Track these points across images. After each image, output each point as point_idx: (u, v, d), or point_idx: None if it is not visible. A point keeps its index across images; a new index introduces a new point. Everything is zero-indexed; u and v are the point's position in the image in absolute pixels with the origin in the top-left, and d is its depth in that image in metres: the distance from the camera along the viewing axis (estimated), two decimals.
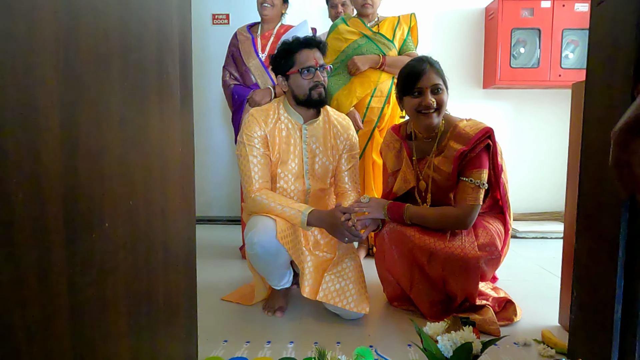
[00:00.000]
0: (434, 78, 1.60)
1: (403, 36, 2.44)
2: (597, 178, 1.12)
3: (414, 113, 1.63)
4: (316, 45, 1.69)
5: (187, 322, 1.12)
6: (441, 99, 1.60)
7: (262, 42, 2.47)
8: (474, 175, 1.58)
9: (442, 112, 1.62)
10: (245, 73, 2.48)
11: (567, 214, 1.60)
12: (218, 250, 2.74)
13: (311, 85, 1.66)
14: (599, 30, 1.12)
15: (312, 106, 1.71)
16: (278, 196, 1.64)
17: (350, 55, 2.39)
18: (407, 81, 1.62)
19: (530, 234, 3.11)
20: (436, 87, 1.60)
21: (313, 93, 1.67)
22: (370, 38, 2.39)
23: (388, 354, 1.41)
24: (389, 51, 2.38)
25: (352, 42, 2.39)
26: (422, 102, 1.60)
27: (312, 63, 1.66)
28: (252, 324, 1.66)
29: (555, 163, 3.54)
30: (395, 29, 2.42)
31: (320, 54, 1.70)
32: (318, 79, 1.66)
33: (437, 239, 1.57)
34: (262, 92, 2.40)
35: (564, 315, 1.61)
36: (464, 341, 1.06)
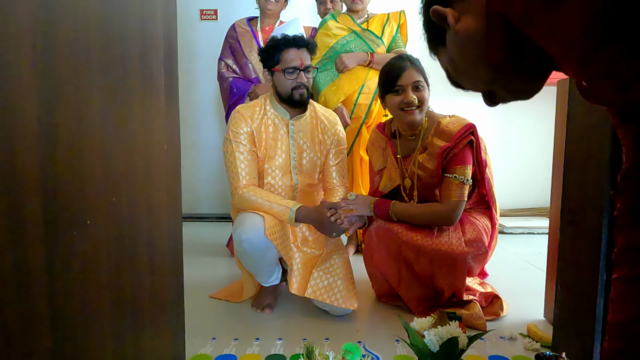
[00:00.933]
0: (414, 75, 1.61)
1: (392, 33, 2.44)
2: (580, 173, 1.13)
3: (397, 111, 1.64)
4: (304, 45, 1.68)
5: (175, 320, 1.12)
6: (422, 95, 1.61)
7: (264, 35, 2.44)
8: (457, 172, 1.59)
9: (424, 108, 1.63)
10: (245, 66, 2.45)
11: (552, 210, 1.63)
12: (207, 247, 2.73)
13: (294, 86, 1.65)
14: None
15: (293, 106, 1.70)
16: (265, 192, 1.64)
17: (339, 51, 2.38)
18: (388, 79, 1.63)
19: (517, 230, 3.15)
20: (417, 84, 1.61)
21: (295, 93, 1.66)
22: (359, 34, 2.39)
23: (376, 350, 1.42)
24: (377, 48, 2.38)
25: (341, 39, 2.39)
26: (403, 100, 1.60)
27: (297, 64, 1.65)
28: (240, 321, 1.65)
29: (541, 159, 3.58)
30: (385, 26, 2.42)
31: (307, 55, 1.69)
32: (301, 80, 1.65)
33: (424, 235, 1.58)
34: (264, 86, 2.37)
35: (549, 309, 1.63)
36: (450, 336, 1.06)
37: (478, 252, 1.59)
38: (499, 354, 1.39)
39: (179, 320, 1.17)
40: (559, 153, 1.57)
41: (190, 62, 3.51)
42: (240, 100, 2.46)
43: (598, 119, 1.06)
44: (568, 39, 0.49)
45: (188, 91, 3.59)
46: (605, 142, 1.03)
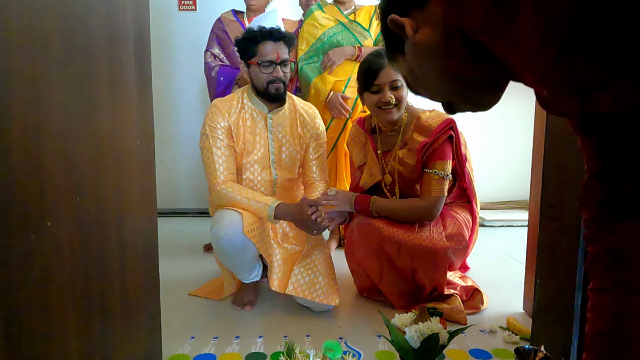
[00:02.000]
0: (392, 74, 1.57)
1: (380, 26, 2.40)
2: (560, 168, 1.13)
3: (374, 109, 1.62)
4: (281, 39, 1.64)
5: (149, 320, 1.08)
6: (400, 95, 1.59)
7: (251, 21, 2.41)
8: (437, 167, 1.59)
9: (402, 107, 1.62)
10: (232, 53, 2.41)
11: (531, 203, 1.64)
12: (187, 243, 2.68)
13: (269, 80, 1.61)
14: None
15: (269, 100, 1.66)
16: (244, 189, 1.60)
17: (326, 42, 2.35)
18: (366, 77, 1.60)
19: (497, 223, 3.19)
20: (395, 83, 1.58)
21: (270, 87, 1.62)
22: (346, 26, 2.35)
23: (358, 346, 1.41)
24: (364, 41, 2.35)
25: (328, 30, 2.34)
26: (381, 99, 1.58)
27: (273, 57, 1.61)
28: (220, 319, 1.62)
29: (520, 152, 3.62)
30: (372, 18, 2.38)
31: (285, 48, 1.64)
32: (277, 74, 1.61)
33: (405, 230, 1.58)
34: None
35: (528, 302, 1.65)
36: (431, 332, 1.06)
37: (459, 247, 1.59)
38: (479, 348, 1.40)
39: (154, 321, 1.14)
40: (538, 146, 1.58)
41: (169, 54, 3.43)
42: (228, 88, 2.42)
43: None
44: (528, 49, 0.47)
45: (167, 84, 3.51)
46: None
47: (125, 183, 0.86)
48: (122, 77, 0.84)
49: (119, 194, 0.83)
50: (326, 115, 2.36)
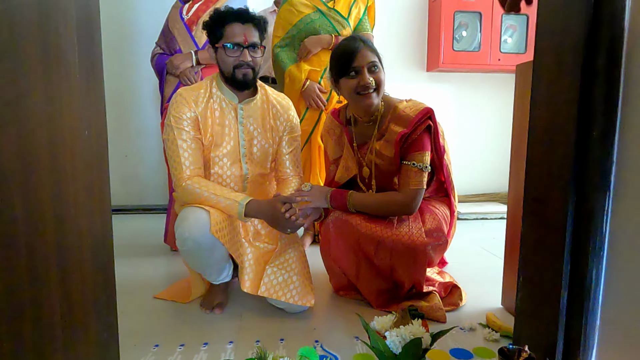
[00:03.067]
0: (369, 55, 1.51)
1: (359, 15, 2.32)
2: (543, 162, 1.08)
3: (353, 95, 1.54)
4: (250, 21, 1.53)
5: (105, 332, 0.97)
6: (379, 77, 1.52)
7: (191, 5, 2.28)
8: (416, 159, 1.52)
9: (381, 91, 1.54)
10: (170, 41, 2.29)
11: (510, 197, 1.60)
12: (152, 242, 2.54)
13: (236, 64, 1.50)
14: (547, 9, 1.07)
15: (236, 87, 1.55)
16: (212, 184, 1.49)
17: (302, 30, 2.24)
18: (342, 61, 1.52)
19: (471, 216, 3.18)
20: (373, 64, 1.51)
21: (237, 72, 1.51)
22: (325, 14, 2.25)
23: (334, 349, 1.34)
24: (342, 30, 2.26)
25: (305, 16, 2.24)
26: (360, 82, 1.50)
27: (240, 40, 1.50)
28: (187, 324, 1.52)
29: (494, 146, 3.64)
30: (352, 7, 2.29)
31: (254, 32, 1.53)
32: (244, 58, 1.50)
33: (383, 227, 1.51)
34: (182, 56, 2.21)
35: (507, 298, 1.62)
36: (414, 336, 0.99)
37: (438, 243, 1.54)
38: (460, 347, 1.35)
39: (110, 332, 1.02)
40: (518, 140, 1.54)
41: (131, 41, 3.24)
42: (161, 77, 2.30)
43: (562, 106, 1.01)
44: None
45: (129, 73, 3.32)
46: (570, 127, 0.98)
47: (67, 181, 0.75)
48: (59, 58, 0.72)
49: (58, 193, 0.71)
50: (300, 106, 2.27)
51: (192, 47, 2.23)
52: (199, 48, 2.23)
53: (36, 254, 0.64)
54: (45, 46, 0.66)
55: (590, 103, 0.96)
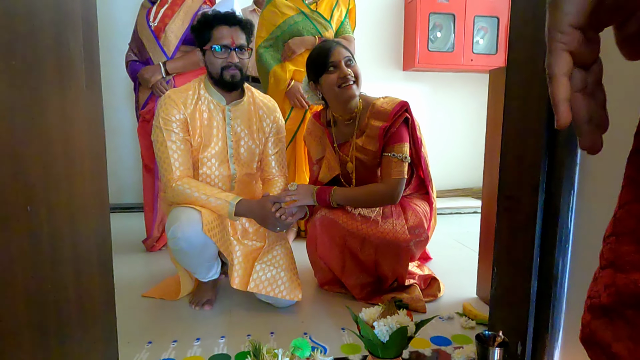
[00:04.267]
0: (344, 51, 1.62)
1: (341, 18, 2.39)
2: (516, 163, 1.18)
3: (334, 90, 1.61)
4: (237, 23, 1.57)
5: (105, 327, 1.01)
6: (356, 70, 1.62)
7: (157, 9, 2.25)
8: (395, 150, 1.61)
9: (359, 83, 1.63)
10: (141, 47, 2.28)
11: (484, 194, 1.70)
12: (133, 241, 2.54)
13: (224, 65, 1.54)
14: (519, 19, 1.16)
15: (225, 88, 1.60)
16: (202, 185, 1.53)
17: (286, 31, 2.29)
18: (320, 60, 1.62)
19: (446, 210, 3.31)
20: (348, 59, 1.62)
21: (225, 74, 1.55)
22: (307, 16, 2.31)
23: (323, 340, 1.41)
24: (325, 32, 2.32)
25: (289, 18, 2.29)
26: (339, 75, 1.59)
27: (228, 42, 1.54)
28: (178, 320, 1.56)
29: (466, 142, 3.79)
30: (334, 9, 2.36)
31: (241, 34, 1.57)
32: (232, 59, 1.54)
33: (369, 224, 1.59)
34: (151, 69, 2.22)
35: (481, 288, 1.73)
36: (400, 325, 1.08)
37: (420, 239, 1.63)
38: (439, 335, 1.45)
39: (110, 329, 1.06)
40: (491, 139, 1.64)
41: (108, 39, 3.19)
42: (136, 85, 2.30)
43: (532, 111, 1.11)
44: None
45: (107, 71, 3.27)
46: (540, 132, 1.08)
47: (78, 184, 0.78)
48: (71, 68, 0.76)
49: (71, 197, 0.75)
50: (285, 106, 2.32)
51: (161, 57, 2.22)
52: (168, 57, 2.22)
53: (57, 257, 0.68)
54: (60, 59, 0.69)
55: None
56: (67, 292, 0.73)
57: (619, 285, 0.42)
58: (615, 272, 0.43)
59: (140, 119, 2.36)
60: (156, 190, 2.35)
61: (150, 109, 2.30)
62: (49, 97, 0.66)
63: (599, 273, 0.46)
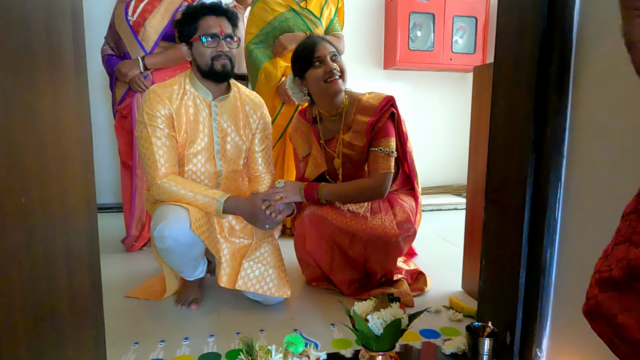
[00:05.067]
0: (329, 47, 1.63)
1: (330, 16, 2.41)
2: (504, 157, 1.21)
3: (321, 84, 1.62)
4: (223, 13, 1.55)
5: (95, 327, 0.97)
6: (341, 64, 1.64)
7: (136, 3, 2.21)
8: (382, 144, 1.63)
9: (345, 78, 1.64)
10: (118, 41, 2.24)
11: (469, 189, 1.73)
12: (111, 241, 2.47)
13: (214, 55, 1.52)
14: (506, 17, 1.18)
15: (216, 79, 1.57)
16: (188, 182, 1.50)
17: (277, 27, 2.29)
18: (305, 55, 1.62)
19: (427, 207, 3.36)
20: (334, 54, 1.63)
21: (216, 63, 1.53)
22: (298, 12, 2.31)
23: (313, 336, 1.41)
24: (315, 29, 2.33)
25: (279, 15, 2.29)
26: (325, 70, 1.60)
27: (217, 31, 1.52)
28: (165, 320, 1.52)
29: (446, 141, 3.85)
30: (323, 7, 2.37)
31: (228, 24, 1.56)
32: (222, 48, 1.52)
33: (358, 220, 1.59)
34: (128, 63, 2.17)
35: (467, 282, 1.76)
36: (394, 318, 1.08)
37: (408, 234, 1.64)
38: (428, 328, 1.47)
39: (99, 330, 1.03)
40: (476, 135, 1.68)
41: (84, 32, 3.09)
42: (112, 80, 2.25)
43: (520, 107, 1.14)
44: None
45: None
46: (527, 126, 1.11)
47: (69, 177, 0.76)
48: (61, 60, 0.73)
49: (63, 189, 0.72)
50: (276, 102, 2.32)
51: (139, 52, 2.18)
52: (146, 52, 2.18)
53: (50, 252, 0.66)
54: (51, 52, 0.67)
55: (544, 105, 1.09)
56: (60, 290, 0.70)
57: (632, 259, 0.44)
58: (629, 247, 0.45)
59: (117, 115, 2.30)
60: (134, 188, 2.30)
61: (128, 105, 2.25)
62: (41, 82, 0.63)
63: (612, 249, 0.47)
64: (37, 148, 0.61)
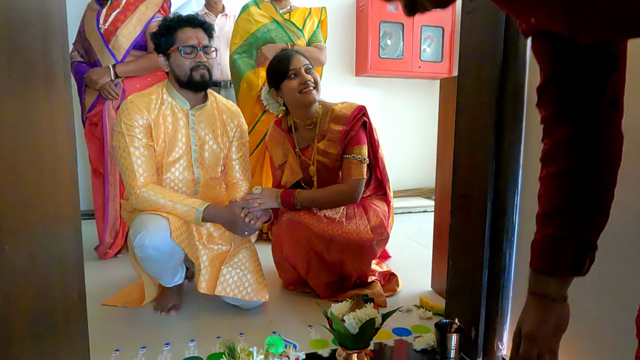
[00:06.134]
0: (303, 59, 1.72)
1: (313, 28, 2.48)
2: (468, 165, 1.31)
3: (295, 94, 1.69)
4: (200, 25, 1.60)
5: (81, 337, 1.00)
6: (315, 76, 1.72)
7: (108, 12, 2.21)
8: (355, 152, 1.71)
9: (319, 89, 1.73)
10: (88, 49, 2.23)
11: (437, 193, 1.84)
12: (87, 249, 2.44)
13: (192, 66, 1.56)
14: (469, 36, 1.29)
15: (194, 89, 1.61)
16: (167, 191, 1.54)
17: (259, 38, 2.36)
18: (281, 67, 1.70)
19: (398, 210, 3.47)
20: (307, 67, 1.72)
21: (194, 74, 1.57)
22: (280, 24, 2.38)
23: (291, 337, 1.46)
24: (297, 40, 2.40)
25: (262, 26, 2.37)
26: (300, 82, 1.68)
27: (194, 42, 1.56)
28: (145, 327, 1.54)
29: (416, 145, 3.99)
30: (306, 19, 2.45)
31: (204, 35, 1.61)
32: (200, 59, 1.57)
33: (334, 226, 1.67)
34: (99, 71, 2.18)
35: (436, 281, 1.86)
36: (368, 317, 1.16)
37: (381, 238, 1.73)
38: (400, 326, 1.55)
39: (83, 337, 1.06)
40: (443, 143, 1.78)
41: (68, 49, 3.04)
42: (81, 88, 2.25)
43: (481, 119, 1.24)
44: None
45: None
46: (488, 137, 1.21)
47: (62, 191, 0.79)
48: (54, 76, 0.76)
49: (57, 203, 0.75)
50: (257, 109, 2.39)
51: (110, 60, 2.19)
52: (117, 61, 2.19)
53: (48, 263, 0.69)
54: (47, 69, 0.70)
55: (502, 118, 1.19)
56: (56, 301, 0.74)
57: None
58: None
59: (87, 122, 2.29)
60: (107, 195, 2.29)
61: (98, 112, 2.24)
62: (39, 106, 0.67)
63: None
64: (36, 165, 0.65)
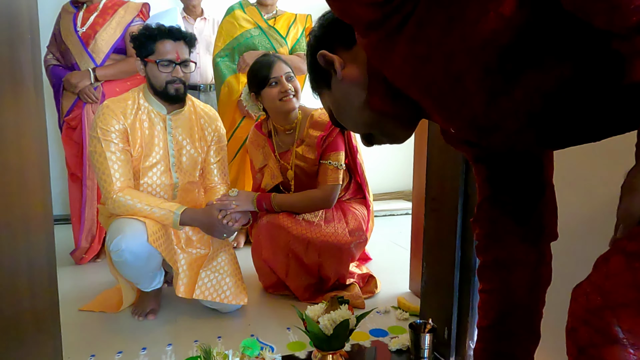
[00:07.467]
0: (284, 67, 1.73)
1: (297, 36, 2.48)
2: (440, 170, 1.34)
3: (276, 102, 1.71)
4: (181, 38, 1.59)
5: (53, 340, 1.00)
6: (296, 84, 1.74)
7: (85, 15, 2.20)
8: (332, 158, 1.74)
9: (299, 96, 1.75)
10: (65, 52, 2.21)
11: (414, 197, 1.87)
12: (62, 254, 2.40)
13: (168, 79, 1.56)
14: None
15: (168, 101, 1.62)
16: (144, 195, 1.53)
17: (242, 44, 2.36)
18: (262, 74, 1.71)
19: (380, 212, 3.51)
20: (288, 74, 1.73)
21: (169, 87, 1.57)
22: (264, 31, 2.39)
23: (269, 340, 1.47)
24: (280, 48, 2.40)
25: (245, 31, 2.37)
26: (280, 90, 1.69)
27: (173, 57, 1.56)
28: (121, 332, 1.54)
29: (395, 148, 4.02)
30: (290, 26, 2.45)
31: (185, 48, 1.60)
32: (177, 74, 1.57)
33: (312, 229, 1.69)
34: (79, 74, 2.16)
35: (413, 282, 1.89)
36: (342, 319, 1.18)
37: (359, 241, 1.75)
38: (377, 327, 1.58)
39: (57, 342, 1.05)
40: (419, 148, 1.82)
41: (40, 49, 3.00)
42: (57, 90, 2.23)
43: None
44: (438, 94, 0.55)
45: None
46: None
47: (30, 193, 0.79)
48: (22, 77, 0.76)
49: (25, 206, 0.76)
50: (236, 115, 2.39)
51: (88, 63, 2.17)
52: (97, 64, 2.18)
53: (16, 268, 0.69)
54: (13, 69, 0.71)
55: None
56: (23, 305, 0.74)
57: None
58: None
59: (64, 126, 2.27)
60: (84, 199, 2.27)
61: (76, 116, 2.23)
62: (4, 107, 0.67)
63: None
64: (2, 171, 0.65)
